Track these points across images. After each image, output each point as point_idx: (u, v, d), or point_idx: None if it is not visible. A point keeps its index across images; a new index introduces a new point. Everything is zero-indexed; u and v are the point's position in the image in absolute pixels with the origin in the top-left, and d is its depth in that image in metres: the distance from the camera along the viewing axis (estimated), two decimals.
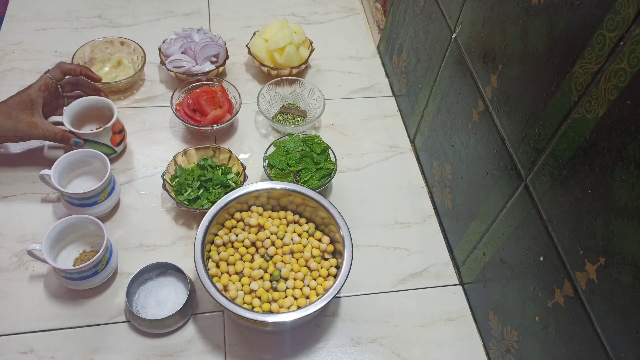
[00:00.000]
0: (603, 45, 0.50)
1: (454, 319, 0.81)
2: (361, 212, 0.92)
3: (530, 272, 0.65)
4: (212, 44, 1.04)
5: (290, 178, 0.89)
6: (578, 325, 0.57)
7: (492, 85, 0.71)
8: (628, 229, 0.48)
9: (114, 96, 1.03)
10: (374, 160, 1.00)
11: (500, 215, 0.71)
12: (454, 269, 0.87)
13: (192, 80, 1.00)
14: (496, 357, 0.75)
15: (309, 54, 1.10)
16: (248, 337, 0.76)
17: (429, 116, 0.94)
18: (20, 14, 1.15)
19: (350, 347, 0.77)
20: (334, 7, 1.28)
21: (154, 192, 0.90)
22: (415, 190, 0.96)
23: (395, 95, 1.11)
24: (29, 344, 0.73)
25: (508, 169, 0.68)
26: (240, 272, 0.77)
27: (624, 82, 0.48)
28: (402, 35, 1.05)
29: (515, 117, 0.66)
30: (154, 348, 0.74)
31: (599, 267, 0.53)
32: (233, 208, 0.80)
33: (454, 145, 0.84)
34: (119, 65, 1.06)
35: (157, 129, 0.99)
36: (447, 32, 0.84)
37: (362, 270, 0.84)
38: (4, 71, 1.04)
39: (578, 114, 0.54)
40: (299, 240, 0.79)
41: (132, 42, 1.06)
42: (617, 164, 0.49)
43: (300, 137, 0.92)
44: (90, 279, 0.74)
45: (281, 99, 1.05)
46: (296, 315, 0.68)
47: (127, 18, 1.18)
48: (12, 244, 0.81)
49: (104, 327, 0.75)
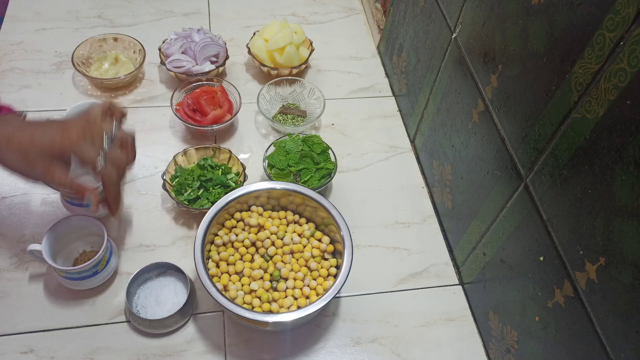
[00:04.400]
0: (603, 45, 0.50)
1: (454, 319, 0.81)
2: (361, 212, 0.92)
3: (530, 272, 0.65)
4: (212, 44, 1.04)
5: (290, 178, 0.89)
6: (578, 325, 0.57)
7: (492, 85, 0.71)
8: (628, 229, 0.48)
9: (118, 92, 1.03)
10: (374, 160, 1.00)
11: (500, 215, 0.71)
12: (454, 269, 0.87)
13: (192, 80, 1.00)
14: (496, 357, 0.75)
15: (309, 54, 1.10)
16: (248, 337, 0.76)
17: (429, 116, 0.94)
18: (20, 14, 1.15)
19: (350, 347, 0.77)
20: (334, 7, 1.28)
21: (154, 192, 0.90)
22: (415, 190, 0.96)
23: (395, 95, 1.11)
24: (29, 344, 0.73)
25: (508, 169, 0.68)
26: (240, 272, 0.77)
27: (624, 82, 0.48)
28: (402, 35, 1.05)
29: (515, 117, 0.66)
30: (153, 348, 0.74)
31: (599, 267, 0.53)
32: (233, 208, 0.80)
33: (454, 145, 0.84)
34: (117, 62, 1.06)
35: (157, 129, 0.99)
36: (447, 32, 0.84)
37: (362, 270, 0.84)
38: (4, 71, 1.04)
39: (578, 114, 0.54)
40: (299, 240, 0.79)
41: (126, 37, 1.06)
42: (617, 164, 0.49)
43: (300, 137, 0.92)
44: (90, 279, 0.74)
45: (281, 99, 1.05)
46: (296, 315, 0.68)
47: (127, 18, 1.18)
48: (12, 244, 0.81)
49: (104, 327, 0.75)
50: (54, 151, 0.63)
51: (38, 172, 0.64)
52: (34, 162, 0.63)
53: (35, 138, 0.63)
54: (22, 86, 1.02)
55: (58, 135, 0.64)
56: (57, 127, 0.64)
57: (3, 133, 0.62)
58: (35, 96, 1.01)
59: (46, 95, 1.01)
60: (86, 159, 0.64)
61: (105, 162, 0.66)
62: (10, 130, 0.63)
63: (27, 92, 1.01)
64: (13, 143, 0.62)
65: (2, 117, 0.67)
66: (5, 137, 0.62)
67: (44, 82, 1.03)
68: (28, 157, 0.63)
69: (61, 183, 0.65)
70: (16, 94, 1.01)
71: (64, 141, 0.63)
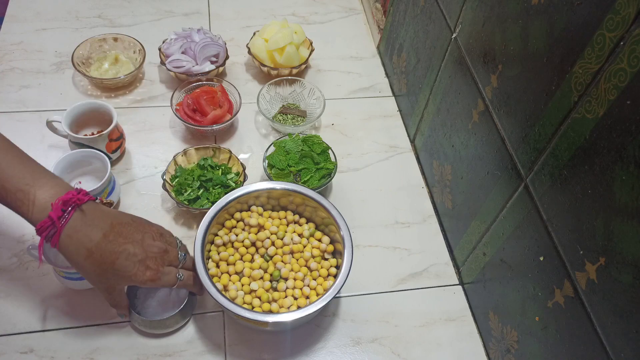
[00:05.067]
0: (603, 45, 0.50)
1: (454, 319, 0.81)
2: (361, 212, 0.91)
3: (530, 272, 0.65)
4: (212, 44, 1.04)
5: (290, 178, 0.89)
6: (578, 325, 0.57)
7: (492, 85, 0.71)
8: (628, 229, 0.48)
9: (118, 92, 1.03)
10: (374, 160, 1.00)
11: (500, 215, 0.71)
12: (454, 269, 0.87)
13: (192, 80, 1.00)
14: (496, 357, 0.75)
15: (309, 54, 1.10)
16: (248, 337, 0.76)
17: (429, 116, 0.94)
18: (20, 14, 1.15)
19: (350, 347, 0.77)
20: (334, 7, 1.28)
21: (154, 192, 0.90)
22: (415, 190, 0.96)
23: (395, 95, 1.11)
24: (29, 344, 0.73)
25: (508, 169, 0.68)
26: (240, 272, 0.77)
27: (624, 82, 0.48)
28: (402, 35, 1.05)
29: (515, 117, 0.66)
30: (153, 348, 0.74)
31: (599, 267, 0.53)
32: (233, 208, 0.80)
33: (454, 145, 0.84)
34: (117, 62, 1.06)
35: (157, 129, 0.99)
36: (447, 32, 0.84)
37: (362, 270, 0.84)
38: (4, 71, 1.04)
39: (578, 114, 0.54)
40: (299, 240, 0.79)
41: (126, 37, 1.06)
42: (617, 164, 0.49)
43: (300, 137, 0.92)
44: None
45: (281, 99, 1.05)
46: (296, 315, 0.68)
47: (127, 18, 1.18)
48: (12, 244, 0.81)
49: (104, 327, 0.75)
50: (129, 282, 0.65)
51: (102, 288, 0.66)
52: (105, 282, 0.64)
53: (118, 264, 0.62)
54: (22, 86, 1.02)
55: (140, 273, 0.64)
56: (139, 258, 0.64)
57: (84, 243, 0.60)
58: (35, 96, 1.01)
59: (46, 95, 1.01)
60: (166, 285, 0.68)
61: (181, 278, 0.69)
62: (92, 238, 0.61)
63: (27, 92, 1.01)
64: (94, 257, 0.61)
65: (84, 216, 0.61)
66: (85, 248, 0.60)
67: (44, 82, 1.03)
68: (103, 275, 0.63)
69: (114, 305, 0.70)
70: (16, 94, 1.01)
71: (147, 280, 0.65)
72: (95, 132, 0.92)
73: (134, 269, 0.63)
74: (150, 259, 0.65)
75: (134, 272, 0.63)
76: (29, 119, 0.97)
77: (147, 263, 0.65)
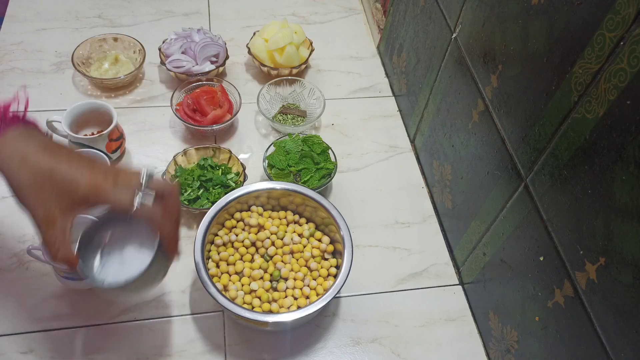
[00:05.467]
0: (603, 45, 0.50)
1: (454, 319, 0.81)
2: (361, 212, 0.92)
3: (530, 272, 0.65)
4: (212, 44, 1.04)
5: (290, 178, 0.89)
6: (578, 325, 0.57)
7: (492, 85, 0.71)
8: (628, 229, 0.48)
9: (118, 92, 1.03)
10: (374, 160, 1.00)
11: (500, 215, 0.71)
12: (454, 269, 0.87)
13: (192, 80, 1.00)
14: (496, 357, 0.75)
15: (309, 54, 1.10)
16: (248, 337, 0.76)
17: (429, 116, 0.94)
18: (20, 14, 1.15)
19: (350, 347, 0.77)
20: (334, 7, 1.28)
21: None
22: (415, 190, 0.96)
23: (395, 95, 1.11)
24: (29, 344, 0.73)
25: (508, 169, 0.68)
26: (240, 272, 0.77)
27: (624, 82, 0.48)
28: (402, 35, 1.05)
29: (515, 117, 0.66)
30: (153, 348, 0.74)
31: (599, 267, 0.53)
32: (233, 208, 0.80)
33: (454, 145, 0.84)
34: (117, 62, 1.06)
35: (157, 129, 0.99)
36: (447, 32, 0.84)
37: (362, 270, 0.84)
38: (4, 71, 1.04)
39: (578, 114, 0.54)
40: (299, 240, 0.79)
41: (126, 37, 1.06)
42: (617, 164, 0.49)
43: (300, 137, 0.92)
44: None
45: (281, 99, 1.05)
46: (296, 315, 0.68)
47: (127, 18, 1.18)
48: (12, 244, 0.81)
49: (104, 327, 0.75)
50: (74, 196, 0.52)
51: (39, 212, 0.52)
52: (43, 199, 0.51)
53: (57, 170, 0.51)
54: (22, 86, 1.02)
55: (86, 176, 0.52)
56: (86, 166, 0.53)
57: (20, 148, 0.51)
58: (35, 96, 1.01)
59: (46, 95, 1.01)
60: (119, 203, 0.53)
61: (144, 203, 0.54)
62: (29, 148, 0.52)
63: (27, 92, 1.01)
64: (28, 164, 0.51)
65: (23, 132, 0.53)
66: (21, 154, 0.51)
67: (44, 82, 1.03)
68: (40, 190, 0.51)
69: (56, 249, 0.53)
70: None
71: (91, 187, 0.52)
72: (95, 132, 0.92)
73: (78, 174, 0.51)
74: (98, 172, 0.52)
75: (75, 181, 0.51)
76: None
77: (94, 173, 0.52)
